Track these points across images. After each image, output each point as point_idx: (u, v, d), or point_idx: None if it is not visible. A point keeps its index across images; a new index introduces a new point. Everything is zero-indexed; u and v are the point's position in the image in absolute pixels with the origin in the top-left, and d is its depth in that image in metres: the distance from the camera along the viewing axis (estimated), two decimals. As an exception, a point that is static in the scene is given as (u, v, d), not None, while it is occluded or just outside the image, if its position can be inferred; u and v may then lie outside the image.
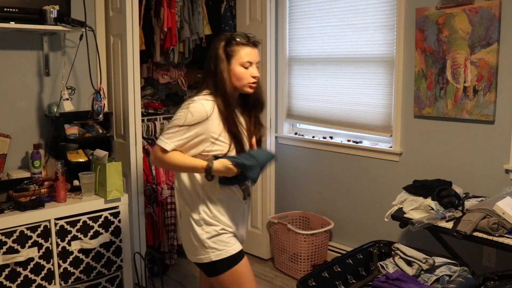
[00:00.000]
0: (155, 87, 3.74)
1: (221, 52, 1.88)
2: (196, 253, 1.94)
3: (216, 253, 1.89)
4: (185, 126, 1.83)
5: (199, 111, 1.83)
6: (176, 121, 1.86)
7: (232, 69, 1.88)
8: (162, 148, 1.87)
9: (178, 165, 1.88)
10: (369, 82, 3.26)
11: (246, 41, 1.89)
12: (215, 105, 1.86)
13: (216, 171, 1.82)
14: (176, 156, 1.87)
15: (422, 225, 2.35)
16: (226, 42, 1.89)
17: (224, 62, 1.87)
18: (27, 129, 2.87)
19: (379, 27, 3.17)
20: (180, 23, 3.57)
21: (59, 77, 2.91)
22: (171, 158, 1.87)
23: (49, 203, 2.54)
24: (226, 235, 1.92)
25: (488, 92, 2.67)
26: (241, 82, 1.89)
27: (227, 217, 1.94)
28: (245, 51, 1.88)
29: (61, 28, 2.64)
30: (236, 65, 1.87)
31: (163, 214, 3.56)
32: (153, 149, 1.93)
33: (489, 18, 2.61)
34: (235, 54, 1.87)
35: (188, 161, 1.87)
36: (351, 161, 3.41)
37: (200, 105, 1.84)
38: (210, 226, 1.91)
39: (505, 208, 2.21)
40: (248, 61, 1.87)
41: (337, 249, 3.54)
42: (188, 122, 1.83)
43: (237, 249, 1.93)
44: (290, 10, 3.71)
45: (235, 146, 1.89)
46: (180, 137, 1.85)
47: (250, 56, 1.88)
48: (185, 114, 1.84)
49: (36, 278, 2.44)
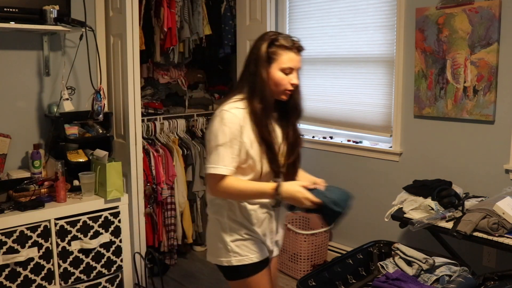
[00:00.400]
0: (155, 87, 3.74)
1: (263, 53, 1.73)
2: (218, 254, 1.86)
3: (238, 258, 1.81)
4: (226, 142, 1.68)
5: (233, 121, 1.69)
6: (214, 140, 1.70)
7: (272, 73, 1.72)
8: (218, 176, 1.68)
9: (244, 191, 1.71)
10: (369, 82, 3.26)
11: (290, 45, 1.73)
12: (246, 113, 1.72)
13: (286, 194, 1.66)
14: (238, 181, 1.71)
15: (422, 225, 2.34)
16: (269, 43, 1.73)
17: (265, 64, 1.72)
18: (27, 129, 2.87)
19: (379, 27, 3.17)
20: (180, 23, 3.57)
21: (59, 77, 2.91)
22: (233, 184, 1.70)
23: (49, 203, 2.54)
24: (251, 241, 1.82)
25: (488, 92, 2.67)
26: (278, 88, 1.74)
27: (254, 223, 1.83)
28: (288, 56, 1.72)
29: (61, 28, 2.64)
30: (276, 69, 1.72)
31: (163, 214, 3.56)
32: (208, 184, 1.75)
33: (489, 18, 2.61)
34: (276, 58, 1.72)
35: (253, 185, 1.71)
36: (351, 161, 3.41)
37: (232, 114, 1.70)
38: (235, 230, 1.82)
39: (505, 208, 2.22)
40: (289, 67, 1.72)
41: (337, 249, 3.54)
42: (228, 136, 1.68)
43: (261, 257, 1.83)
44: (290, 10, 3.71)
45: (266, 154, 1.75)
46: (230, 156, 1.69)
47: (292, 62, 1.73)
48: (221, 129, 1.69)
49: (36, 278, 2.44)
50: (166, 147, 3.60)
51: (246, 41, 3.70)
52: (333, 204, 1.66)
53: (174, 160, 3.58)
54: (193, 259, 3.83)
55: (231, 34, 3.86)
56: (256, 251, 1.82)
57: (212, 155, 1.70)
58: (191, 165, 3.71)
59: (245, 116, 1.72)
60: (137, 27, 2.92)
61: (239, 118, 1.71)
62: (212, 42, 3.83)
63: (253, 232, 1.83)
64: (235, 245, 1.81)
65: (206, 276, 3.53)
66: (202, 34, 3.72)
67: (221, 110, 1.73)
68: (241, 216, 1.82)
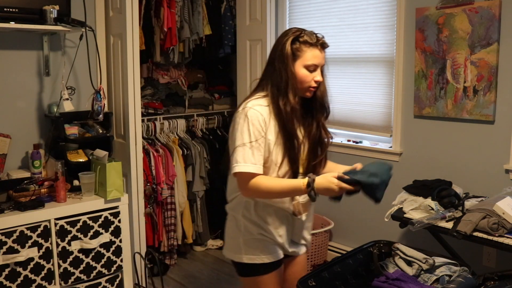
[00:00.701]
0: (155, 87, 3.75)
1: (287, 49, 1.71)
2: (232, 250, 1.87)
3: (249, 257, 1.82)
4: (252, 140, 1.67)
5: (258, 119, 1.69)
6: (240, 139, 1.68)
7: (295, 70, 1.71)
8: (249, 174, 1.67)
9: (275, 189, 1.68)
10: (369, 82, 3.26)
11: (314, 41, 1.72)
12: (270, 110, 1.72)
13: (320, 187, 1.63)
14: (268, 179, 1.70)
15: (422, 225, 2.34)
16: (293, 40, 1.72)
17: (288, 61, 1.71)
18: (27, 129, 2.87)
19: (379, 27, 3.17)
20: (180, 23, 3.57)
21: (59, 77, 2.91)
22: (264, 182, 1.68)
23: (49, 203, 2.54)
24: (264, 242, 1.81)
25: (488, 92, 2.67)
26: (302, 85, 1.73)
27: (269, 223, 1.81)
28: (312, 53, 1.71)
29: (61, 28, 2.64)
30: (299, 66, 1.72)
31: (163, 214, 3.56)
32: (238, 184, 1.73)
33: (489, 18, 2.61)
34: (300, 54, 1.71)
35: (285, 182, 1.69)
36: (351, 161, 3.40)
37: (256, 112, 1.69)
38: (249, 229, 1.81)
39: (505, 208, 2.22)
40: (313, 64, 1.72)
41: (337, 249, 3.54)
42: (254, 134, 1.67)
43: (272, 259, 1.82)
44: (290, 10, 3.71)
45: (288, 153, 1.73)
46: (258, 153, 1.68)
47: (316, 59, 1.72)
48: (246, 127, 1.68)
49: (36, 278, 2.44)
50: (166, 147, 3.60)
51: (246, 41, 3.70)
52: (372, 177, 1.62)
53: (174, 160, 3.59)
54: (193, 259, 3.83)
55: (231, 34, 3.86)
56: (267, 252, 1.82)
57: (239, 154, 1.68)
58: (191, 165, 3.71)
59: (269, 113, 1.71)
60: (137, 27, 2.92)
61: (263, 115, 1.69)
62: (212, 42, 3.83)
63: (268, 233, 1.82)
64: (247, 244, 1.82)
65: (206, 276, 3.53)
66: (202, 34, 3.72)
67: (244, 108, 1.72)
68: (256, 215, 1.80)
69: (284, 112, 1.70)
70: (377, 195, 1.65)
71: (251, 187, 1.69)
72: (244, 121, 1.69)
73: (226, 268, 3.61)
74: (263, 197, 1.75)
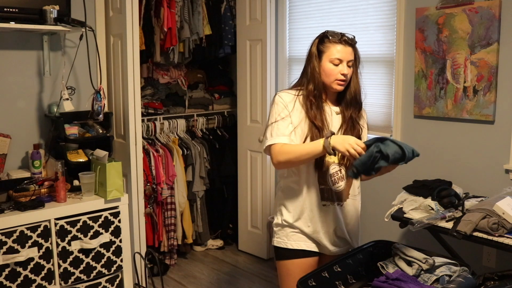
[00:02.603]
0: (155, 87, 3.75)
1: (314, 49, 1.97)
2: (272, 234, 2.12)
3: (277, 240, 2.06)
4: (278, 119, 1.93)
5: (280, 101, 1.96)
6: (270, 120, 1.96)
7: (322, 65, 1.94)
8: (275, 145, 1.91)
9: (298, 151, 1.87)
10: (369, 82, 3.26)
11: (338, 38, 1.93)
12: (296, 98, 1.96)
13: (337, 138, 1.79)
14: (290, 145, 1.90)
15: (422, 225, 2.34)
16: (320, 40, 1.97)
17: (316, 59, 1.95)
18: (27, 129, 2.87)
19: (379, 27, 3.17)
20: (180, 23, 3.58)
21: (59, 77, 2.91)
22: (287, 148, 1.89)
23: (49, 203, 2.54)
24: (289, 230, 2.03)
25: (488, 92, 2.67)
26: (329, 78, 1.93)
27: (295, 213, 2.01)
28: (336, 48, 1.92)
29: (61, 28, 2.64)
30: (326, 61, 1.93)
31: (163, 214, 3.56)
32: (271, 158, 1.96)
33: (489, 18, 2.61)
34: (326, 51, 1.93)
35: (306, 145, 1.89)
36: (351, 161, 3.41)
37: (279, 97, 1.97)
38: (281, 216, 2.05)
39: (505, 208, 2.21)
40: (338, 58, 1.91)
41: (337, 249, 3.54)
42: (279, 113, 1.93)
43: (296, 246, 2.02)
44: (290, 10, 3.71)
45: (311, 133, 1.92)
46: (284, 127, 1.92)
47: (340, 53, 1.91)
48: (272, 109, 1.97)
49: (36, 278, 2.44)
50: (166, 147, 3.60)
51: (246, 41, 3.70)
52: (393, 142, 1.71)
53: (174, 160, 3.59)
54: (193, 259, 3.83)
55: (231, 34, 3.86)
56: (293, 239, 2.02)
57: (268, 131, 1.95)
58: (191, 165, 3.71)
59: (293, 99, 1.96)
60: (137, 27, 2.92)
61: (286, 99, 1.96)
62: (212, 42, 3.83)
63: (293, 221, 2.02)
64: (278, 229, 2.07)
65: (206, 276, 3.53)
66: (202, 34, 3.72)
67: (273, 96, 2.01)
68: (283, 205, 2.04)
69: (311, 98, 1.94)
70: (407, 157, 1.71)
71: (278, 157, 1.90)
72: (271, 105, 2.00)
73: (226, 268, 3.61)
74: (290, 164, 1.93)
